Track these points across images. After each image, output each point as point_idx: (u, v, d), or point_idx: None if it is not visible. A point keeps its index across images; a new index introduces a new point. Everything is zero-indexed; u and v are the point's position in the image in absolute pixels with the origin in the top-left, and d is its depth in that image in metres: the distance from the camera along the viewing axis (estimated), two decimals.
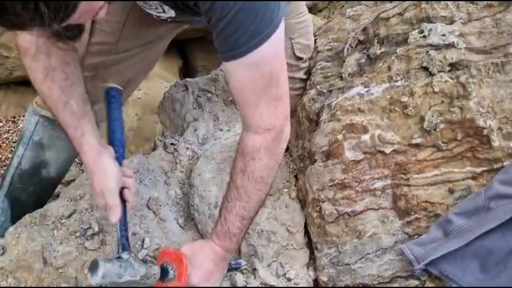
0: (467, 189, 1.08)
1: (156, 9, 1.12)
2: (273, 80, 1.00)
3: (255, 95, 1.00)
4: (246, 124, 1.06)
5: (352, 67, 1.35)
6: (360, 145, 1.20)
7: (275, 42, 0.95)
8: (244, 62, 0.95)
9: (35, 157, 1.41)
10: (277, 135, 1.04)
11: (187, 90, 1.67)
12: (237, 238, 1.10)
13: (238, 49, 0.93)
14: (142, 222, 1.26)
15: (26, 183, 1.42)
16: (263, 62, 0.96)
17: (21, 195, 1.42)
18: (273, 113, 1.03)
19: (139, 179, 1.37)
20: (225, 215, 1.08)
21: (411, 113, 1.16)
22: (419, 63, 1.19)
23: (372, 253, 1.14)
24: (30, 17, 0.63)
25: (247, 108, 1.03)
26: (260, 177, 1.06)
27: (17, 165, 1.41)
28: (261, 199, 1.10)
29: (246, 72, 0.97)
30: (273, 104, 1.02)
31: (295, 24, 1.43)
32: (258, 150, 1.04)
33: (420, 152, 1.14)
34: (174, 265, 1.04)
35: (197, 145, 1.51)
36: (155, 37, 1.38)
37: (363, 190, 1.18)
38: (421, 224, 1.11)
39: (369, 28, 1.36)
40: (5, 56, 2.22)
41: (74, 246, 1.09)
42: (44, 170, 1.43)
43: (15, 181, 1.41)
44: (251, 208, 1.08)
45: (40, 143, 1.41)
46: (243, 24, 0.90)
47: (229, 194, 1.08)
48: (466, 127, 1.08)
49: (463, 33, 1.19)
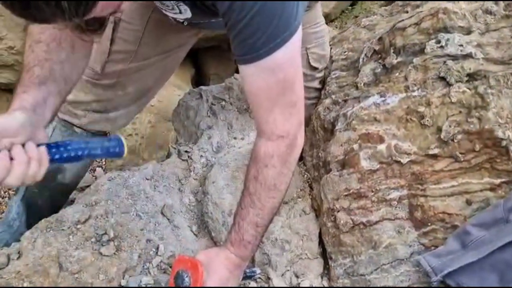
0: (485, 201, 1.07)
1: (173, 10, 1.12)
2: (288, 86, 0.99)
3: (270, 100, 1.00)
4: (259, 129, 1.05)
5: (368, 77, 1.35)
6: (376, 155, 1.19)
7: (291, 48, 0.94)
8: (260, 67, 0.94)
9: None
10: (290, 142, 1.04)
11: (201, 98, 1.68)
12: (251, 245, 1.09)
13: (255, 52, 0.92)
14: (156, 229, 1.26)
15: (43, 188, 1.42)
16: (279, 67, 0.96)
17: (37, 200, 1.43)
18: (287, 119, 1.02)
19: (153, 185, 1.37)
20: (239, 223, 1.07)
21: (428, 123, 1.16)
22: (436, 73, 1.19)
23: (388, 264, 1.13)
24: (52, 11, 0.63)
25: (261, 113, 1.03)
26: (273, 184, 1.05)
27: None
28: (275, 207, 1.09)
29: (261, 77, 0.97)
30: (288, 111, 1.01)
31: (311, 34, 1.43)
32: (271, 157, 1.03)
33: (437, 163, 1.13)
34: (189, 273, 1.04)
35: (211, 153, 1.51)
36: (174, 45, 1.40)
37: (379, 200, 1.17)
38: (438, 236, 1.10)
39: (385, 37, 1.36)
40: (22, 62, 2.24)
41: (90, 252, 1.10)
42: (60, 175, 1.44)
43: (32, 186, 1.42)
44: (264, 216, 1.07)
45: None
46: (261, 27, 0.89)
47: (243, 201, 1.08)
48: (484, 138, 1.07)
49: (481, 43, 1.19)
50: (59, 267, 1.05)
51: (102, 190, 1.28)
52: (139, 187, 1.33)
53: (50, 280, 1.03)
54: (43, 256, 1.07)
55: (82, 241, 1.12)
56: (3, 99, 2.41)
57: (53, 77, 0.97)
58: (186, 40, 1.43)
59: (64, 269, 1.05)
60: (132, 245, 1.16)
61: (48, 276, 1.03)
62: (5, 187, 2.05)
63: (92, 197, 1.25)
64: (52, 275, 1.03)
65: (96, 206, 1.22)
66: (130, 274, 1.12)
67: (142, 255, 1.16)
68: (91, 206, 1.21)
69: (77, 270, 1.05)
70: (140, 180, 1.36)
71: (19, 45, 2.17)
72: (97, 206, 1.22)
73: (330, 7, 3.28)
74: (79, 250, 1.10)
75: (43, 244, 1.10)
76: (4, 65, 2.22)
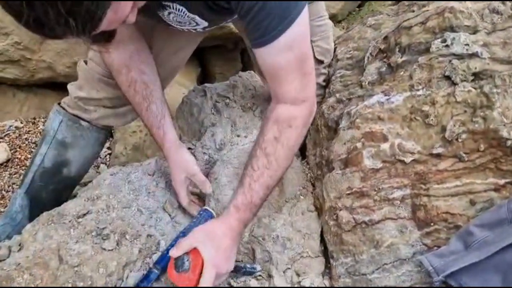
0: (489, 201, 1.06)
1: (190, 24, 1.18)
2: (303, 57, 1.07)
3: (290, 74, 1.07)
4: (280, 98, 1.12)
5: (373, 76, 1.34)
6: (380, 153, 1.19)
7: (302, 23, 1.01)
8: (276, 47, 1.01)
9: (58, 155, 1.44)
10: (311, 105, 1.14)
11: (205, 96, 1.68)
12: (256, 209, 1.12)
13: (270, 33, 0.98)
14: (158, 224, 1.26)
15: (47, 181, 1.45)
16: (294, 43, 1.02)
17: (41, 193, 1.44)
18: (306, 85, 1.11)
19: (155, 182, 1.37)
20: (250, 184, 1.09)
21: (432, 122, 1.15)
22: (441, 72, 1.18)
23: (390, 263, 1.12)
24: (63, 30, 0.70)
25: (282, 85, 1.10)
26: (293, 145, 1.13)
27: (40, 163, 1.44)
28: (286, 169, 1.16)
29: (280, 55, 1.03)
30: (306, 79, 1.10)
31: (316, 27, 1.44)
32: (295, 119, 1.11)
33: (441, 162, 1.12)
34: (190, 257, 1.03)
35: (214, 150, 1.51)
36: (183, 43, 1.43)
37: (381, 199, 1.16)
38: (440, 236, 1.09)
39: (391, 36, 1.35)
40: (28, 58, 2.26)
41: (90, 246, 1.09)
42: (66, 169, 1.46)
43: (37, 179, 1.44)
44: (277, 178, 1.13)
45: (63, 142, 1.44)
46: (273, 9, 0.95)
47: (256, 163, 1.11)
48: (489, 138, 1.06)
49: (487, 43, 1.18)
50: (59, 260, 1.05)
51: (104, 184, 1.28)
52: (141, 182, 1.33)
53: (50, 272, 1.03)
54: (44, 249, 1.07)
55: (82, 234, 1.12)
56: (9, 95, 2.43)
57: (160, 101, 1.29)
58: (194, 38, 1.44)
59: (64, 262, 1.05)
60: (132, 240, 1.16)
61: (48, 268, 1.03)
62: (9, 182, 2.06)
63: (94, 191, 1.25)
64: (52, 268, 1.03)
65: (97, 200, 1.22)
66: (130, 268, 1.12)
67: (143, 250, 1.16)
68: (92, 200, 1.21)
69: (77, 263, 1.05)
70: (142, 175, 1.36)
71: (26, 40, 2.18)
72: (98, 200, 1.22)
73: (337, 8, 3.27)
74: (79, 243, 1.09)
75: (44, 237, 1.10)
76: (10, 60, 2.23)
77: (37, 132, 2.31)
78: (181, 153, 1.31)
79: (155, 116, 1.28)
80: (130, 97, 1.28)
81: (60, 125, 1.43)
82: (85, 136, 1.46)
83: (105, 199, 1.22)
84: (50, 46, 2.26)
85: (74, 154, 1.46)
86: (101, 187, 1.27)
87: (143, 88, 1.26)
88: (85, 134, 1.46)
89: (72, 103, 1.44)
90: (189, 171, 1.31)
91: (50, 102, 2.47)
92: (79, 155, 1.48)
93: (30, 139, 2.27)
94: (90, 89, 1.41)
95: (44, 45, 2.24)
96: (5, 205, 1.94)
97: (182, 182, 1.31)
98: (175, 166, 1.31)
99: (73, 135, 1.44)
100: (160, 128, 1.28)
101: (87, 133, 1.46)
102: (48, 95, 2.49)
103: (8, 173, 2.10)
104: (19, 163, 2.14)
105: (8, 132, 2.30)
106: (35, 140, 2.26)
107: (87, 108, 1.43)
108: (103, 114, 1.45)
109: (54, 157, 1.44)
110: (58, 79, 2.39)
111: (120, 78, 1.26)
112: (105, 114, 1.46)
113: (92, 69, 1.40)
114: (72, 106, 1.44)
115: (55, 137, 1.43)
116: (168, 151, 1.30)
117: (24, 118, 2.41)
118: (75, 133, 1.45)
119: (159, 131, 1.29)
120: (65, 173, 1.47)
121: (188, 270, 1.02)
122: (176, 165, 1.30)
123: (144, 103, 1.26)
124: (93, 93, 1.41)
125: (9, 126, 2.33)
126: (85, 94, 1.41)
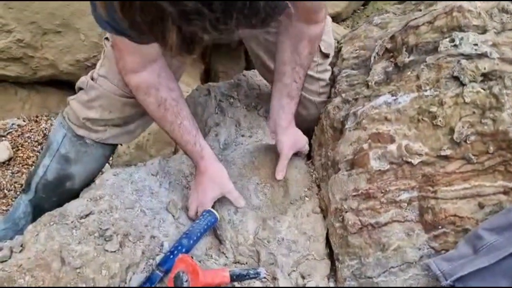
0: (498, 204, 1.04)
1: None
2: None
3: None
4: (309, 19, 1.25)
5: (379, 75, 1.32)
6: (386, 155, 1.17)
7: None
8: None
9: (61, 169, 1.38)
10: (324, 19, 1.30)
11: (209, 95, 1.66)
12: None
13: None
14: (161, 225, 1.24)
15: (50, 194, 1.40)
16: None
17: (44, 204, 1.39)
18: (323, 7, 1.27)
19: (159, 182, 1.35)
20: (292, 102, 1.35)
21: (440, 123, 1.13)
22: (449, 73, 1.16)
23: (397, 267, 1.10)
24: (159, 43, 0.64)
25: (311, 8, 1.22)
26: (312, 57, 1.36)
27: (43, 175, 1.39)
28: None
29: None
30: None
31: None
32: (321, 35, 1.34)
33: (449, 164, 1.10)
34: (189, 277, 1.04)
35: (218, 150, 1.49)
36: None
37: (388, 202, 1.15)
38: (448, 239, 1.07)
39: (398, 36, 1.33)
40: (30, 56, 2.24)
41: (92, 247, 1.08)
42: (69, 183, 1.40)
43: (39, 190, 1.40)
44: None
45: (67, 157, 1.37)
46: None
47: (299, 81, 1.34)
48: (498, 140, 1.04)
49: (496, 43, 1.16)
50: (61, 262, 1.04)
51: (106, 185, 1.26)
52: (144, 182, 1.31)
53: (52, 274, 1.01)
54: (46, 250, 1.05)
55: (85, 235, 1.10)
56: (11, 92, 2.42)
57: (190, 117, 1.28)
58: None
59: (66, 264, 1.03)
60: (135, 241, 1.14)
61: (50, 270, 1.02)
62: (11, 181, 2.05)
63: (97, 192, 1.23)
64: (54, 269, 1.02)
65: (100, 201, 1.20)
66: (133, 270, 1.10)
67: (146, 251, 1.15)
68: (95, 200, 1.20)
69: (79, 265, 1.04)
70: (146, 176, 1.34)
71: (28, 37, 2.17)
72: (101, 201, 1.20)
73: (342, 6, 3.25)
74: (81, 244, 1.08)
75: (45, 238, 1.09)
76: (12, 58, 2.22)
77: (39, 130, 2.30)
78: (219, 168, 1.30)
79: (189, 132, 1.25)
80: (160, 117, 1.23)
81: (63, 139, 1.37)
82: (90, 152, 1.39)
83: (108, 199, 1.21)
84: (53, 43, 2.24)
85: (78, 169, 1.39)
86: (104, 188, 1.26)
87: (174, 106, 1.22)
88: (90, 151, 1.39)
89: (78, 122, 1.35)
90: (225, 187, 1.28)
91: (52, 100, 2.46)
92: (83, 170, 1.41)
93: (32, 137, 2.26)
94: (102, 111, 1.32)
95: (46, 42, 2.23)
96: (7, 204, 1.93)
97: (212, 199, 1.27)
98: (211, 181, 1.27)
99: (76, 150, 1.37)
100: (197, 143, 1.27)
101: (91, 150, 1.39)
102: (51, 93, 2.48)
103: (10, 171, 2.08)
104: (22, 162, 2.13)
105: (11, 130, 2.29)
106: (37, 138, 2.25)
107: (95, 128, 1.35)
108: (114, 133, 1.38)
109: (57, 171, 1.38)
110: (61, 77, 2.37)
111: (149, 99, 1.21)
112: (116, 133, 1.39)
113: (106, 89, 1.30)
114: (78, 125, 1.35)
115: (58, 150, 1.37)
116: (207, 165, 1.28)
117: (26, 116, 2.40)
118: (79, 149, 1.38)
119: (195, 147, 1.27)
120: (68, 186, 1.40)
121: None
122: (212, 180, 1.27)
123: (177, 121, 1.23)
124: (105, 114, 1.33)
125: (11, 124, 2.32)
126: (96, 116, 1.33)
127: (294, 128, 1.40)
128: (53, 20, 2.18)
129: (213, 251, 1.25)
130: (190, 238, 1.17)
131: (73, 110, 1.35)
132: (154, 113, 1.23)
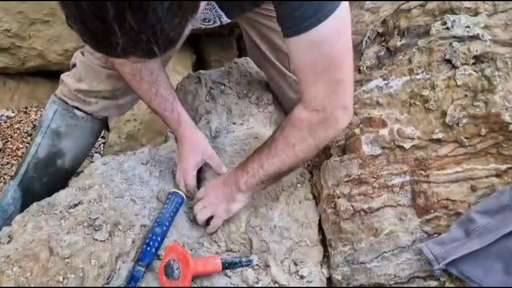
0: (491, 187, 1.03)
1: (214, 23, 1.19)
2: (333, 62, 0.99)
3: (315, 74, 1.01)
4: (300, 98, 1.07)
5: (371, 60, 1.30)
6: (378, 139, 1.16)
7: (336, 21, 0.94)
8: (306, 40, 0.95)
9: (52, 145, 1.42)
10: (325, 118, 1.04)
11: (200, 82, 1.64)
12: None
13: (301, 24, 0.93)
14: (151, 214, 1.23)
15: (41, 173, 1.42)
16: (324, 41, 0.95)
17: (34, 185, 1.41)
18: (327, 96, 1.02)
19: (149, 171, 1.34)
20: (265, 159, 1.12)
21: (432, 107, 1.12)
22: (441, 56, 1.15)
23: (389, 251, 1.10)
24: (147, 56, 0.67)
25: (305, 85, 1.04)
26: (292, 144, 1.07)
27: (34, 153, 1.41)
28: (280, 169, 1.12)
29: (307, 51, 0.98)
30: (330, 88, 1.01)
31: None
32: (302, 121, 1.06)
33: (441, 148, 1.09)
34: (180, 265, 1.03)
35: (209, 138, 1.47)
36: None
37: (380, 186, 1.14)
38: (441, 223, 1.07)
39: (389, 20, 1.31)
40: (18, 46, 2.20)
41: (82, 236, 1.06)
42: (60, 160, 1.43)
43: (30, 170, 1.41)
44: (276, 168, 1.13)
45: (57, 131, 1.42)
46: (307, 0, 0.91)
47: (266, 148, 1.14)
48: (490, 122, 1.04)
49: (488, 25, 1.15)
50: (49, 252, 1.02)
51: (96, 174, 1.24)
52: (134, 171, 1.29)
53: (40, 264, 1.00)
54: (34, 240, 1.03)
55: (74, 225, 1.08)
56: (0, 84, 2.38)
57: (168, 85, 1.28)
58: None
59: (54, 254, 1.01)
60: (125, 231, 1.13)
61: (38, 260, 1.00)
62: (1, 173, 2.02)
63: (86, 181, 1.21)
64: (42, 260, 1.00)
65: (89, 190, 1.18)
66: (123, 259, 1.09)
67: (136, 240, 1.13)
68: (84, 190, 1.18)
69: (68, 254, 1.02)
70: (136, 164, 1.32)
71: (15, 27, 2.13)
72: (90, 190, 1.18)
73: None
74: (70, 234, 1.06)
75: (33, 228, 1.07)
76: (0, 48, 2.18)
77: (29, 121, 2.27)
78: (198, 134, 1.31)
79: (166, 99, 1.26)
80: (136, 86, 1.26)
81: (54, 115, 1.41)
82: (80, 126, 1.44)
83: (97, 188, 1.19)
84: (41, 33, 2.20)
85: (68, 144, 1.43)
86: (93, 177, 1.23)
87: (148, 75, 1.24)
88: (80, 124, 1.44)
89: (71, 95, 1.42)
90: (207, 152, 1.30)
91: (42, 91, 2.42)
92: (73, 146, 1.45)
93: (22, 128, 2.23)
94: (91, 82, 1.39)
95: (34, 32, 2.19)
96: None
97: (195, 165, 1.30)
98: (191, 147, 1.29)
99: (67, 124, 1.42)
100: (174, 110, 1.27)
101: (81, 123, 1.44)
102: (40, 83, 2.44)
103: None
104: (11, 153, 2.10)
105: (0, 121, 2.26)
106: (27, 129, 2.22)
107: (88, 100, 1.41)
108: (105, 105, 1.44)
109: (48, 147, 1.41)
110: (50, 67, 2.33)
111: (123, 69, 1.24)
112: (106, 105, 1.44)
113: (91, 61, 1.37)
114: (72, 98, 1.42)
115: (49, 126, 1.41)
116: (185, 131, 1.29)
117: (15, 107, 2.36)
118: (69, 122, 1.42)
119: (172, 114, 1.28)
120: (59, 164, 1.44)
121: (177, 279, 1.04)
122: (193, 146, 1.29)
123: (152, 89, 1.25)
124: (94, 85, 1.39)
125: (0, 115, 2.29)
126: (86, 87, 1.39)
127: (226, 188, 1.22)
128: (40, 10, 2.14)
129: (204, 239, 1.24)
130: (163, 224, 1.16)
131: (66, 84, 1.42)
132: (131, 82, 1.26)
